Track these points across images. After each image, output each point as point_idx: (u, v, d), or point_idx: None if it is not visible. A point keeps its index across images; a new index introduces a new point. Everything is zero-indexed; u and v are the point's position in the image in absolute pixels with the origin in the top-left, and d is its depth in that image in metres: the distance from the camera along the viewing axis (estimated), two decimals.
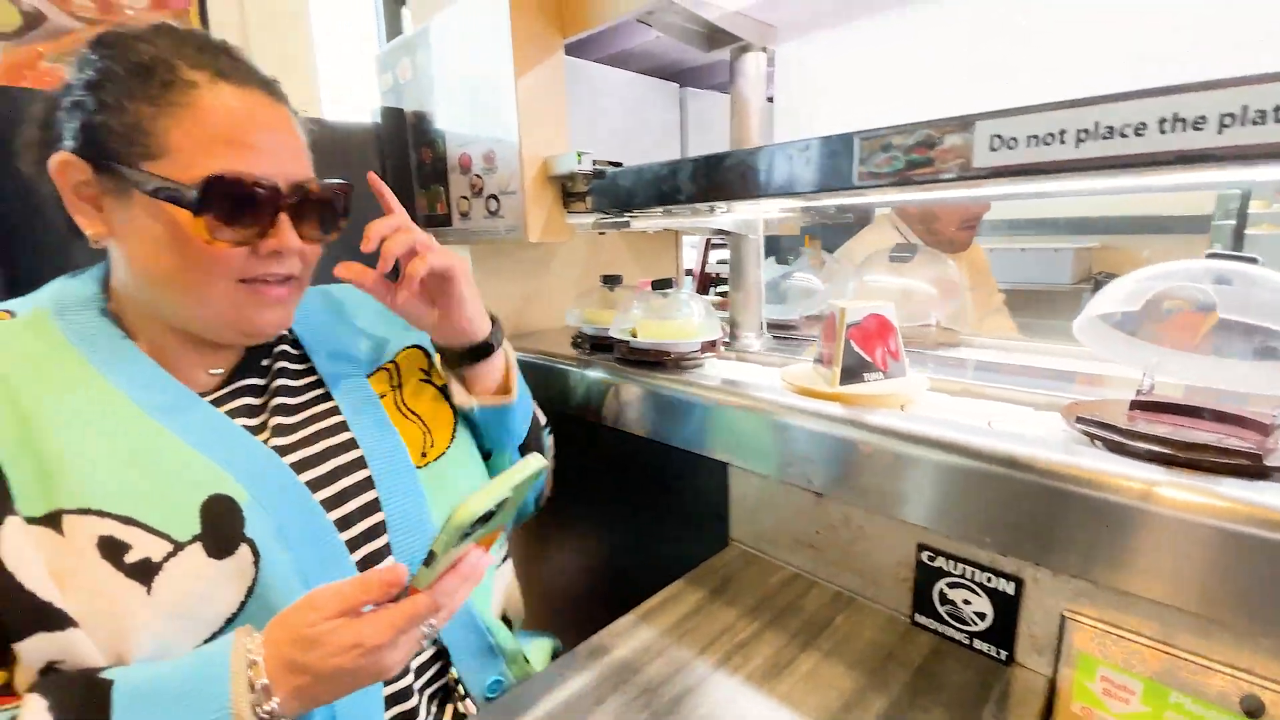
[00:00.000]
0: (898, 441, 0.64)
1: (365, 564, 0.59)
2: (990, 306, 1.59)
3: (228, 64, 0.55)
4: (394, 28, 2.49)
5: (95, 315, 0.56)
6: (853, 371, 0.73)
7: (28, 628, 0.45)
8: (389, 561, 0.61)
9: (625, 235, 1.44)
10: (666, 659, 0.64)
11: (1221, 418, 0.55)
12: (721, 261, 3.25)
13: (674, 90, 1.33)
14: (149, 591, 0.47)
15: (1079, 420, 0.59)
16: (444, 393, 0.74)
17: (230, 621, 0.50)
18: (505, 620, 0.75)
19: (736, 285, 1.08)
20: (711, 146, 1.39)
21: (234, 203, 0.53)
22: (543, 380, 1.01)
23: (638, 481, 0.98)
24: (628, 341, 0.95)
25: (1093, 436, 0.57)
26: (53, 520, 0.47)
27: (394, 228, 0.61)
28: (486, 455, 0.76)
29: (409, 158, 1.19)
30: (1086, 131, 0.49)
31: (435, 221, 1.19)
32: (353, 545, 0.59)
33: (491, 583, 0.74)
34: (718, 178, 0.79)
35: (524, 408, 0.76)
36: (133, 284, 0.56)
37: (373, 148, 1.16)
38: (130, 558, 0.48)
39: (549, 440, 0.87)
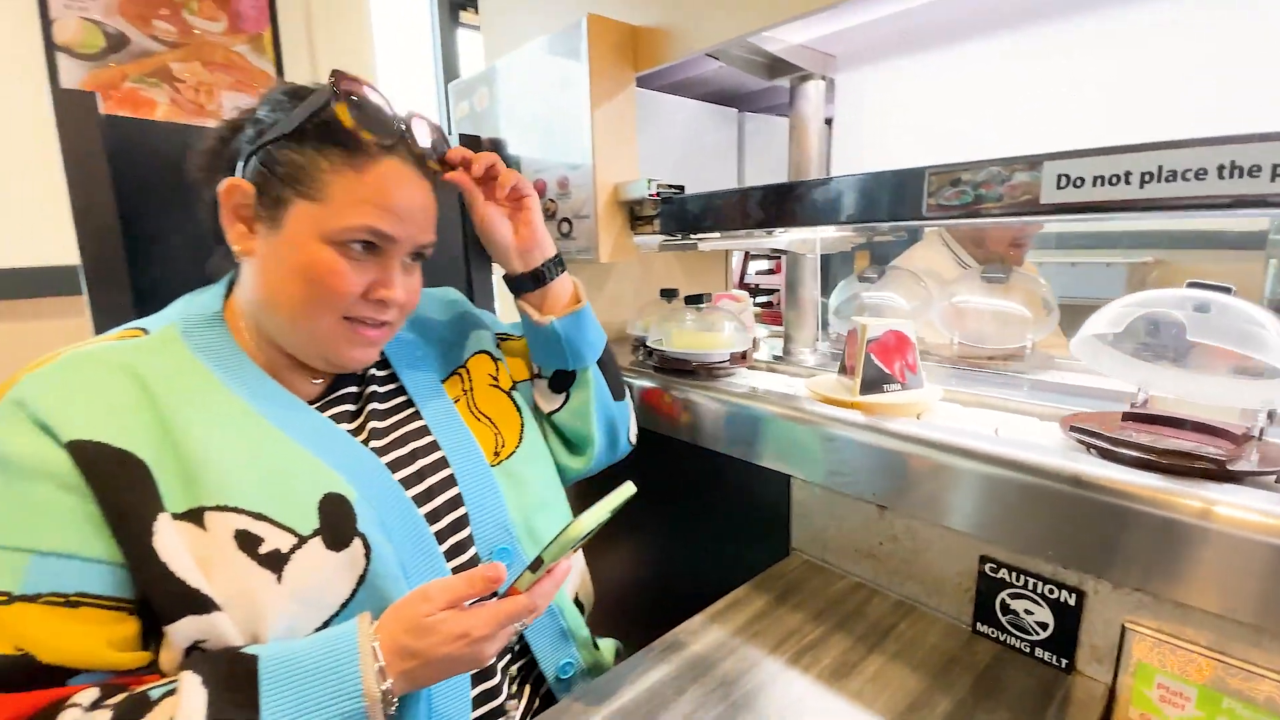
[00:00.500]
0: (909, 444, 0.70)
1: (451, 553, 0.66)
2: None
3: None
4: (450, 54, 2.60)
5: (217, 332, 0.63)
6: (872, 382, 0.79)
7: (178, 611, 0.50)
8: (471, 551, 0.68)
9: (678, 251, 1.50)
10: (739, 656, 0.69)
11: (1200, 428, 0.61)
12: (760, 272, 3.27)
13: (732, 115, 1.37)
14: (279, 580, 0.53)
15: (1072, 429, 0.64)
16: (510, 396, 0.81)
17: (345, 606, 0.56)
18: (577, 604, 0.80)
19: (791, 302, 1.12)
20: (767, 166, 1.44)
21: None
22: None
23: (696, 488, 1.03)
24: (663, 350, 1.01)
25: (1086, 444, 0.62)
26: (195, 516, 0.52)
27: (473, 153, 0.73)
28: (570, 378, 0.82)
29: None
30: (1150, 174, 0.53)
31: None
32: (440, 537, 0.65)
33: None
34: (789, 205, 0.84)
35: (594, 320, 0.83)
36: (252, 303, 0.64)
37: None
38: (263, 549, 0.53)
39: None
